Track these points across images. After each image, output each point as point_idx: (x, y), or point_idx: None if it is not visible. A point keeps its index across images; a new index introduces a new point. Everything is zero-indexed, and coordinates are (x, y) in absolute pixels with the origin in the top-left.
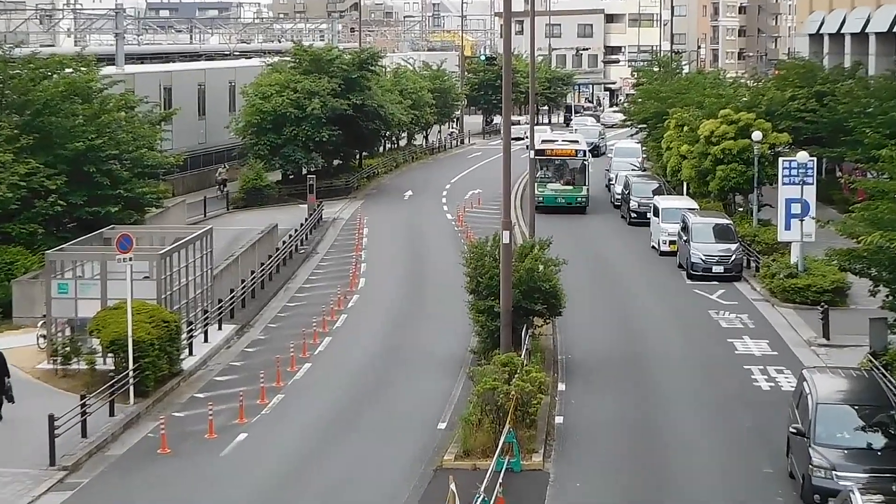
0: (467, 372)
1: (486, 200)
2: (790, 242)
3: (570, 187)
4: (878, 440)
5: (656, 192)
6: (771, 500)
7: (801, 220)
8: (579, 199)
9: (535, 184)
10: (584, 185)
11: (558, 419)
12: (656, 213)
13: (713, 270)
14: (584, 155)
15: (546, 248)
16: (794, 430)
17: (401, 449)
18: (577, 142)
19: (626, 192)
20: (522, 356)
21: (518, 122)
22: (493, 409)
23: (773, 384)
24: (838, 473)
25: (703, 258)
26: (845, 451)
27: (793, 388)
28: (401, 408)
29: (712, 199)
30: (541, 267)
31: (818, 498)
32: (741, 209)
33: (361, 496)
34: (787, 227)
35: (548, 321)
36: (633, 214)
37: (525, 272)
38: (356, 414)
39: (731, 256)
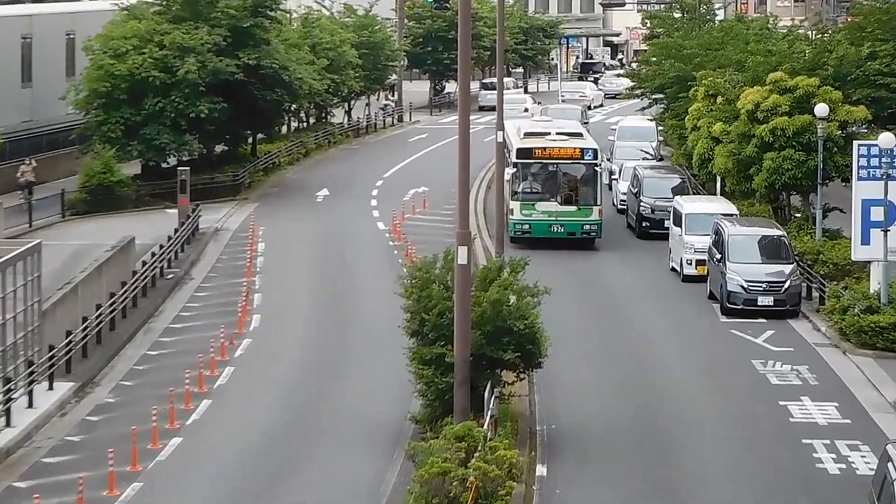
0: (406, 449)
1: (434, 203)
2: (869, 262)
3: (573, 208)
4: None
5: (678, 190)
6: None
7: (885, 231)
8: (587, 228)
9: (515, 202)
10: (594, 203)
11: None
12: (678, 222)
13: (759, 303)
14: (594, 156)
15: (521, 270)
16: None
17: None
18: (580, 136)
19: (636, 192)
20: (486, 426)
21: (507, 88)
22: (444, 503)
23: (844, 465)
24: None
25: (745, 285)
26: None
27: (873, 472)
28: (313, 499)
29: (757, 201)
30: (512, 298)
31: None
32: (798, 215)
33: None
34: (865, 241)
35: (522, 376)
36: (645, 223)
37: (490, 306)
38: (258, 500)
39: (784, 283)
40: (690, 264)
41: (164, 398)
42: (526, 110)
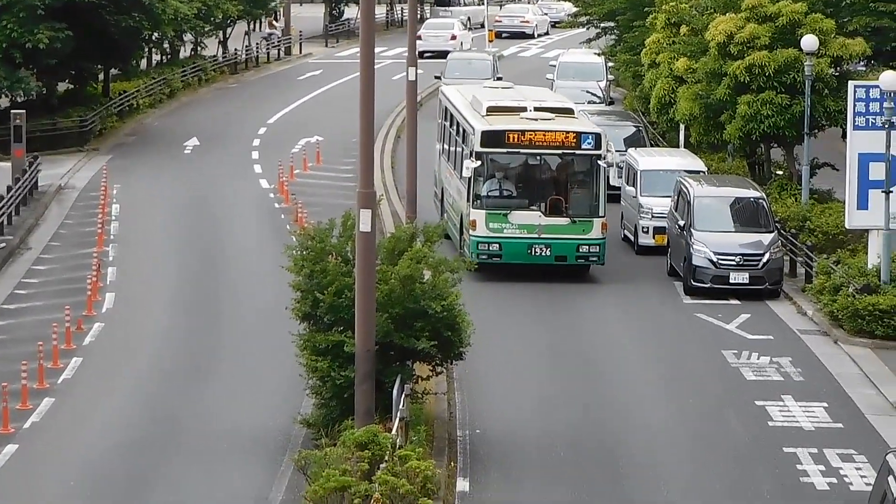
0: (296, 459)
1: (330, 157)
2: (867, 231)
3: (564, 221)
4: None
5: (632, 141)
6: None
7: (887, 193)
8: (584, 251)
9: (478, 211)
10: (595, 214)
11: None
12: (631, 180)
13: (731, 280)
14: (595, 144)
15: (437, 239)
16: None
17: None
18: (570, 113)
19: None
20: (394, 431)
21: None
22: None
23: (834, 479)
24: None
25: (715, 259)
26: None
27: (870, 487)
28: None
29: (730, 156)
30: (427, 274)
31: None
32: (780, 173)
33: None
34: (862, 205)
35: (440, 370)
36: None
37: (400, 283)
38: None
39: (762, 256)
40: (647, 233)
41: None
42: (453, 38)
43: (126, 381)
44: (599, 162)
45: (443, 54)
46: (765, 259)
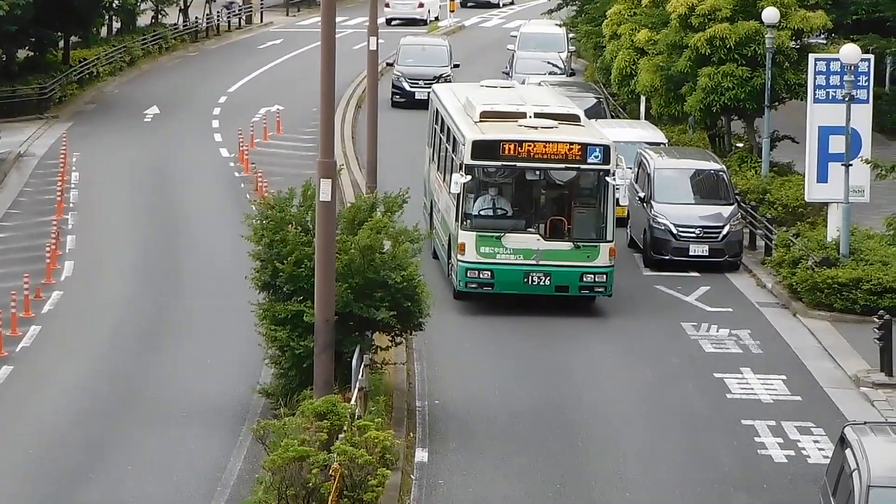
0: (254, 429)
1: (291, 125)
2: (826, 204)
3: (566, 246)
4: None
5: (592, 113)
6: None
7: (847, 166)
8: (589, 280)
9: (468, 233)
10: (603, 237)
11: None
12: None
13: (691, 252)
14: (603, 157)
15: (398, 209)
16: None
17: None
18: (576, 120)
19: None
20: (353, 402)
21: None
22: (301, 494)
23: (791, 452)
24: None
25: (675, 231)
26: None
27: (827, 460)
28: (134, 492)
29: (691, 128)
30: (387, 244)
31: None
32: (741, 145)
33: None
34: (822, 178)
35: (399, 340)
36: None
37: (359, 253)
38: (58, 502)
39: (722, 228)
40: None
41: None
42: (420, 5)
43: (85, 349)
44: (608, 179)
45: (411, 21)
46: (725, 231)
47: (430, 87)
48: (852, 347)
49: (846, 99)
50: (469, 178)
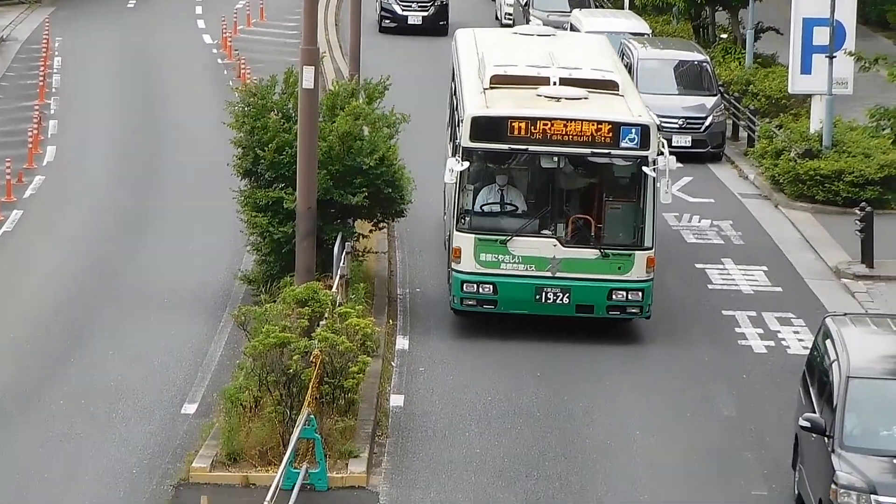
0: (235, 315)
1: (274, 12)
2: (810, 96)
3: (591, 254)
4: None
5: (576, 3)
6: None
7: (831, 58)
8: (620, 298)
9: (465, 235)
10: (639, 244)
11: (396, 400)
12: None
13: (674, 143)
14: (642, 140)
15: (378, 95)
16: (806, 424)
17: (116, 449)
18: (613, 87)
19: (524, 4)
20: (334, 289)
21: None
22: (281, 380)
23: (771, 343)
24: (881, 499)
25: (658, 121)
26: (894, 462)
27: (807, 351)
28: (118, 376)
29: (675, 18)
30: (366, 130)
31: None
32: (725, 36)
33: None
34: (806, 70)
35: (381, 226)
36: None
37: (339, 140)
38: (38, 388)
39: (705, 119)
40: None
41: None
42: None
43: (66, 233)
44: (645, 169)
45: None
46: (707, 122)
47: (425, 10)
48: (833, 239)
49: None
50: (467, 164)
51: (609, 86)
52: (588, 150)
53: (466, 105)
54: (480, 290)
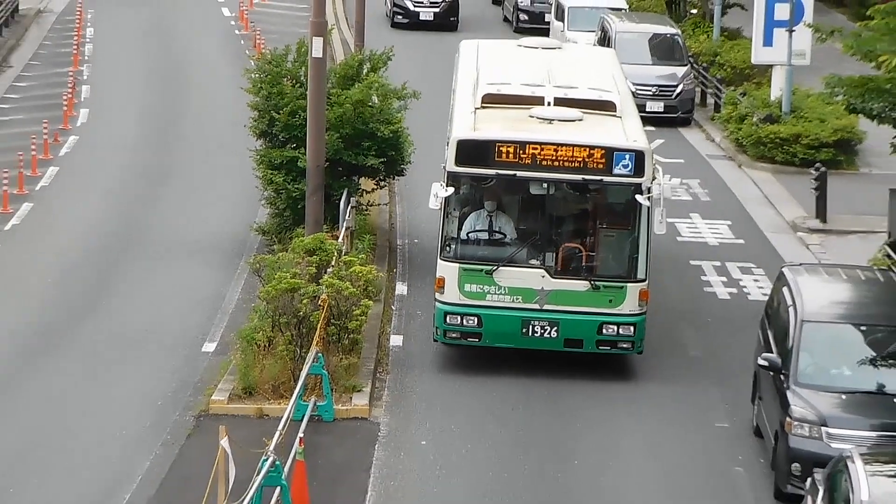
0: (251, 262)
1: None
2: (771, 66)
3: (581, 285)
4: (895, 379)
5: None
6: (727, 470)
7: (790, 31)
8: (611, 333)
9: (449, 264)
10: (630, 276)
11: (395, 340)
12: (559, 16)
13: (647, 109)
14: (635, 167)
15: (384, 66)
16: (764, 363)
17: (142, 384)
18: (609, 107)
19: None
20: (340, 239)
21: None
22: (292, 322)
23: (734, 290)
24: (830, 430)
25: (633, 89)
26: (843, 397)
27: (766, 297)
28: (144, 318)
29: None
30: (374, 98)
31: (797, 468)
32: (695, 11)
33: (72, 459)
34: (768, 42)
35: (383, 184)
36: (523, 15)
37: (350, 106)
38: (71, 329)
39: (676, 87)
40: None
41: None
42: None
43: (97, 188)
44: (638, 197)
45: None
46: (678, 90)
47: (436, 7)
48: (791, 196)
49: None
50: (452, 189)
51: (606, 106)
52: (579, 177)
53: (454, 126)
54: (464, 322)
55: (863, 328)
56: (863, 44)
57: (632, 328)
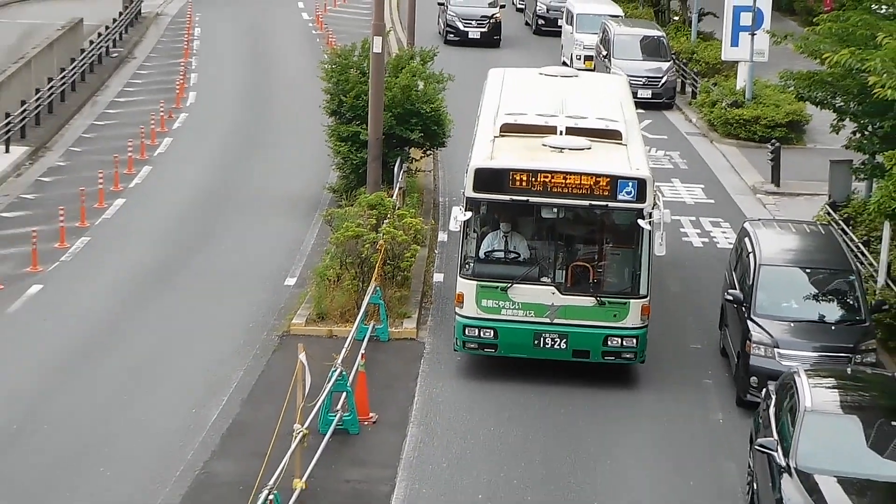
0: (324, 215)
1: None
2: (737, 62)
3: (588, 301)
4: (833, 312)
5: None
6: (697, 383)
7: (752, 35)
8: (615, 344)
9: (468, 282)
10: (634, 292)
11: (438, 277)
12: (570, 21)
13: (638, 95)
14: (638, 193)
15: (429, 60)
16: (729, 298)
17: (237, 310)
18: (615, 136)
19: None
20: (395, 197)
21: None
22: (356, 262)
23: (706, 240)
24: (781, 351)
25: (628, 79)
26: (792, 325)
27: (731, 246)
28: (238, 257)
29: (640, 4)
30: (421, 84)
31: (755, 381)
32: (676, 18)
33: (182, 370)
34: (734, 43)
35: (428, 153)
36: (541, 21)
37: (400, 91)
38: (181, 266)
39: (661, 78)
40: (580, 59)
41: (110, 164)
42: None
43: (203, 155)
44: (640, 222)
45: None
46: (663, 81)
47: (483, 27)
48: (752, 165)
49: None
50: (470, 214)
51: (613, 135)
52: (586, 202)
53: (473, 154)
54: (482, 334)
55: (807, 270)
56: (810, 45)
57: (634, 340)
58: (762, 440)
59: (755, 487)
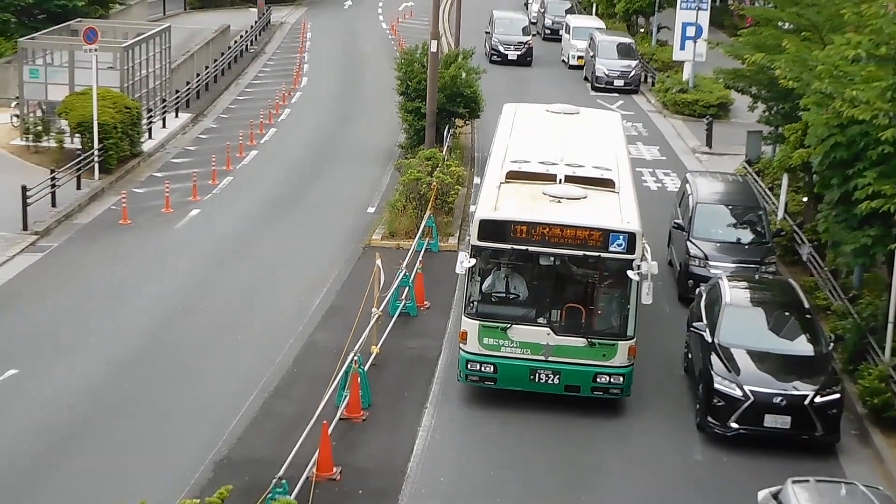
0: (395, 164)
1: (417, 13)
2: (683, 61)
3: (579, 342)
4: (746, 236)
5: (568, 11)
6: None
7: (695, 42)
8: (603, 381)
9: (471, 321)
10: (622, 334)
11: (472, 208)
12: (567, 31)
13: (614, 84)
14: (628, 246)
15: (469, 57)
16: (675, 225)
17: (335, 228)
18: (608, 185)
19: (542, 10)
20: (444, 152)
21: None
22: (416, 197)
23: (660, 185)
24: (711, 263)
25: (607, 73)
26: (718, 244)
27: (677, 189)
28: (335, 192)
29: (618, 20)
30: (463, 74)
31: (691, 283)
32: (642, 30)
33: (295, 270)
34: (682, 48)
35: (467, 122)
36: (548, 30)
37: (449, 79)
38: (297, 196)
39: (631, 72)
40: (574, 58)
41: (247, 126)
42: None
43: (311, 121)
44: (629, 272)
45: None
46: (632, 73)
47: (519, 51)
48: (692, 134)
49: (696, 8)
50: (475, 260)
51: (607, 184)
52: (580, 252)
53: (479, 204)
54: (482, 368)
55: (729, 207)
56: (735, 50)
57: (621, 377)
58: (696, 324)
59: (689, 357)
